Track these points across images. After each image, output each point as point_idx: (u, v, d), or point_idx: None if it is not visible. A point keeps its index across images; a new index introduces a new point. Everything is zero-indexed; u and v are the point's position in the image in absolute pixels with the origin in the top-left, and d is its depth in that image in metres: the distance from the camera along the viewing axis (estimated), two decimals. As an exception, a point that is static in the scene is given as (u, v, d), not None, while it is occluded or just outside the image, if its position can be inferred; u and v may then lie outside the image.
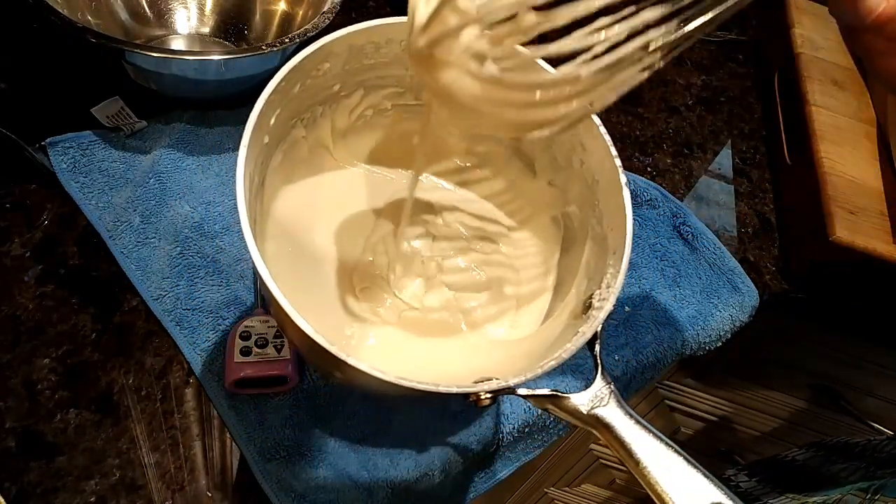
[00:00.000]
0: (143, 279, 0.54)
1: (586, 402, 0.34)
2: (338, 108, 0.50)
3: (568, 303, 0.45)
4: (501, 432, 0.54)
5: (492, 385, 0.34)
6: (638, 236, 0.68)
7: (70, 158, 0.59)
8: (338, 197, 0.51)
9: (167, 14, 0.70)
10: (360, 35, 0.43)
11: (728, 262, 0.67)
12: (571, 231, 0.50)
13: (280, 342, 0.51)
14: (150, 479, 0.46)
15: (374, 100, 0.51)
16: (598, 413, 0.33)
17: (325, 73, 0.45)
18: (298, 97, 0.44)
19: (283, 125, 0.45)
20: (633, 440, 0.32)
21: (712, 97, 0.88)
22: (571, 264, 0.48)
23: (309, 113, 0.48)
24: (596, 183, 0.45)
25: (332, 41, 0.42)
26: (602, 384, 0.34)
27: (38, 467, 0.45)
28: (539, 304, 0.49)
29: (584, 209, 0.47)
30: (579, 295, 0.44)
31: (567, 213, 0.50)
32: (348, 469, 0.49)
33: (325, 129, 0.51)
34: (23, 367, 0.49)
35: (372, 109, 0.52)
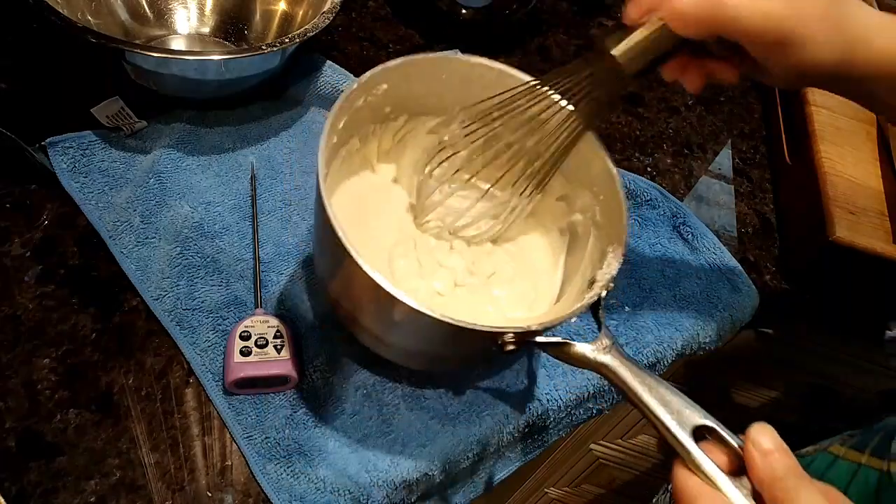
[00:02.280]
0: (143, 279, 0.54)
1: (591, 351, 0.40)
2: (386, 129, 0.55)
3: (575, 285, 0.51)
4: (501, 432, 0.54)
5: (516, 328, 0.40)
6: (638, 236, 0.68)
7: (70, 158, 0.59)
8: (378, 204, 0.55)
9: (167, 14, 0.70)
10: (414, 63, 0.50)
11: (728, 262, 0.67)
12: (576, 236, 0.54)
13: (280, 342, 0.51)
14: (150, 479, 0.46)
15: (413, 125, 0.55)
16: (601, 359, 0.39)
17: (383, 94, 0.50)
18: (360, 111, 0.49)
19: (346, 132, 0.50)
20: (630, 379, 0.38)
21: (712, 97, 0.88)
22: (576, 261, 0.53)
23: (364, 128, 0.53)
24: (596, 192, 0.50)
25: (394, 66, 0.48)
26: (604, 338, 0.40)
27: (38, 467, 0.45)
28: (551, 294, 0.54)
29: (587, 215, 0.52)
30: (584, 278, 0.50)
31: (572, 222, 0.54)
32: (348, 469, 0.49)
33: (374, 146, 0.56)
34: (23, 367, 0.49)
35: (411, 134, 0.56)
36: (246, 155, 0.64)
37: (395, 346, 0.48)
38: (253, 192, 0.61)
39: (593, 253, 0.50)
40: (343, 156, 0.52)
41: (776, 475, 0.31)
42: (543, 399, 0.56)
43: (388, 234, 0.54)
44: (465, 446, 0.52)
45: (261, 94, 0.67)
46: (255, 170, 0.63)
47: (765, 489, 0.31)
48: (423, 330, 0.44)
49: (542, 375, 0.57)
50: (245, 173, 0.63)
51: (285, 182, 0.63)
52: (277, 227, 0.60)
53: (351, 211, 0.44)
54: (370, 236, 0.53)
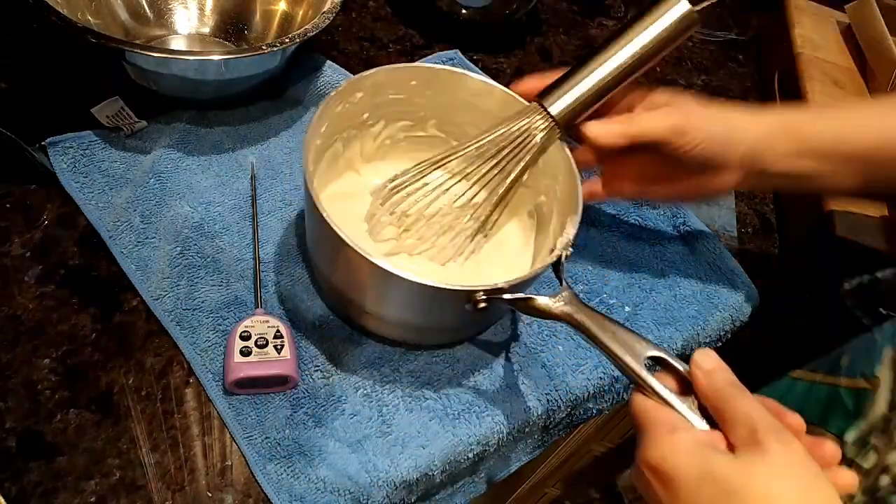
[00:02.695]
0: (143, 279, 0.54)
1: (552, 303, 0.44)
2: (366, 134, 0.59)
3: (541, 257, 0.56)
4: (501, 432, 0.54)
5: (486, 286, 0.44)
6: (638, 236, 0.68)
7: (70, 158, 0.59)
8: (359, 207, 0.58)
9: (167, 14, 0.71)
10: (387, 73, 0.54)
11: (728, 262, 0.67)
12: (542, 216, 0.59)
13: (280, 342, 0.51)
14: (150, 479, 0.46)
15: (391, 131, 0.60)
16: (563, 309, 0.44)
17: (358, 102, 0.54)
18: (339, 116, 0.54)
19: (328, 137, 0.54)
20: (588, 323, 0.43)
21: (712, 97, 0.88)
22: (543, 238, 0.58)
23: (346, 133, 0.57)
24: (555, 173, 0.55)
25: (366, 76, 0.53)
26: (564, 291, 0.45)
27: (38, 467, 0.45)
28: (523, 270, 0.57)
29: (550, 196, 0.57)
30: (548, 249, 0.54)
31: (538, 204, 0.59)
32: (348, 469, 0.49)
33: (356, 150, 0.59)
34: (23, 367, 0.49)
35: (390, 140, 0.60)
36: (246, 155, 0.64)
37: (384, 317, 0.52)
38: (253, 192, 0.61)
39: (556, 228, 0.55)
40: (328, 159, 0.56)
41: (717, 388, 0.35)
42: (543, 399, 0.56)
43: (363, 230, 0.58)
44: (465, 446, 0.52)
45: (261, 94, 0.67)
46: (255, 170, 0.63)
47: (708, 401, 0.36)
48: (403, 296, 0.49)
49: (542, 375, 0.57)
50: (245, 173, 0.63)
51: (285, 182, 0.63)
52: (277, 227, 0.60)
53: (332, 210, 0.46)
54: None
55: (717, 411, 0.35)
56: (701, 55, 0.94)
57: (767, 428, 0.33)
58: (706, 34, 0.97)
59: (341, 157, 0.58)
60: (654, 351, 0.40)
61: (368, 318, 0.53)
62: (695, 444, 0.34)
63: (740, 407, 0.34)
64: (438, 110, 0.59)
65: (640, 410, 0.37)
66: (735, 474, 0.32)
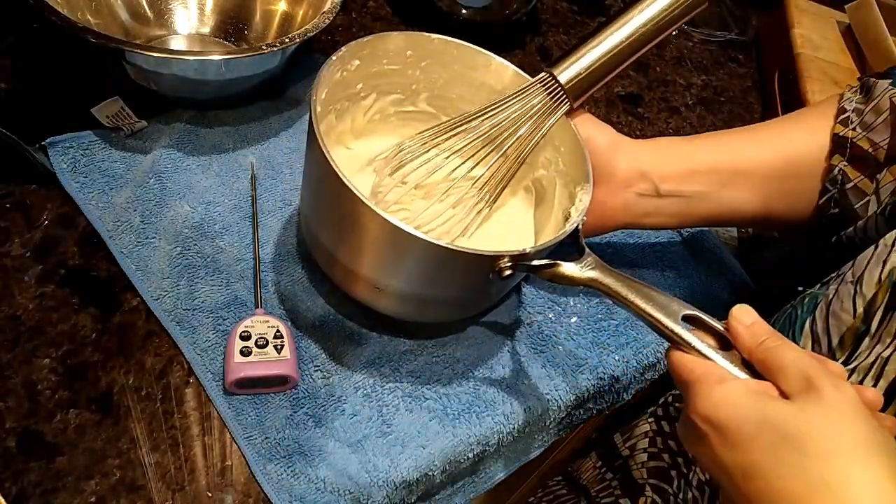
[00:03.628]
0: (143, 279, 0.54)
1: (578, 269, 0.44)
2: (358, 107, 0.57)
3: (549, 229, 0.56)
4: (501, 432, 0.54)
5: (512, 251, 0.43)
6: (638, 236, 0.68)
7: (70, 158, 0.59)
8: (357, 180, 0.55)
9: (167, 14, 0.70)
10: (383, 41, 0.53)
11: (728, 262, 0.67)
12: (541, 190, 0.59)
13: (280, 342, 0.51)
14: (150, 479, 0.46)
15: (381, 104, 0.58)
16: (589, 274, 0.43)
17: (355, 71, 0.53)
18: (336, 85, 0.52)
19: (325, 106, 0.52)
20: (618, 286, 0.42)
21: (712, 97, 0.88)
22: (546, 211, 0.58)
23: (339, 104, 0.55)
24: (557, 145, 0.55)
25: (365, 42, 0.52)
26: (588, 257, 0.44)
27: (38, 467, 0.45)
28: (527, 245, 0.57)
29: (550, 168, 0.57)
30: (556, 220, 0.55)
31: (536, 178, 0.59)
32: (348, 469, 0.49)
33: (347, 124, 0.58)
34: (23, 367, 0.49)
35: (379, 114, 0.59)
36: (246, 155, 0.64)
37: (391, 289, 0.50)
38: (253, 192, 0.61)
39: (562, 199, 0.54)
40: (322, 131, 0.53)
41: (760, 339, 0.36)
42: (543, 399, 0.56)
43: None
44: (465, 446, 0.52)
45: (261, 94, 0.67)
46: (255, 170, 0.63)
47: (753, 353, 0.36)
48: (420, 263, 0.47)
49: (543, 375, 0.57)
50: (245, 173, 0.63)
51: (285, 182, 0.63)
52: (277, 227, 0.60)
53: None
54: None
55: (763, 362, 0.35)
56: (701, 55, 0.94)
57: (820, 374, 0.33)
58: (706, 34, 0.97)
59: (333, 130, 0.57)
60: (689, 310, 0.39)
61: (379, 294, 0.51)
62: (749, 393, 0.34)
63: (788, 355, 0.34)
64: (431, 83, 0.58)
65: (683, 366, 0.37)
66: (795, 419, 0.32)
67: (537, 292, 0.62)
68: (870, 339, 0.42)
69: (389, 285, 0.50)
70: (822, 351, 0.45)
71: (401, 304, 0.52)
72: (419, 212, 0.54)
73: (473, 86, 0.57)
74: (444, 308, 0.54)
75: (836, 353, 0.44)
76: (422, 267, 0.47)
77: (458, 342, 0.57)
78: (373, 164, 0.55)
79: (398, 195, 0.54)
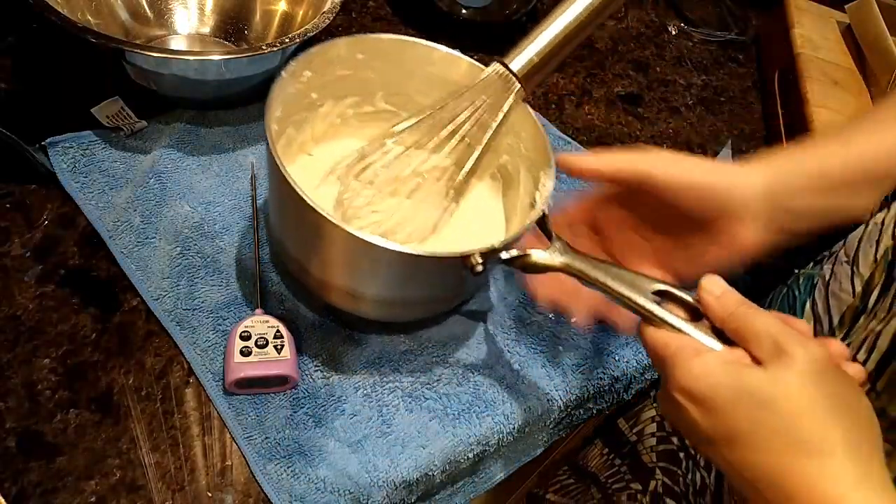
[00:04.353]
0: (143, 279, 0.54)
1: (549, 256, 0.44)
2: (315, 115, 0.57)
3: (518, 216, 0.56)
4: (501, 432, 0.54)
5: (481, 248, 0.43)
6: (638, 236, 0.68)
7: (70, 158, 0.59)
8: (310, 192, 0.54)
9: (167, 14, 0.70)
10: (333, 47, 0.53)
11: (728, 262, 0.67)
12: (508, 177, 0.59)
13: (280, 342, 0.51)
14: (150, 479, 0.46)
15: (340, 109, 0.58)
16: (560, 260, 0.44)
17: (307, 81, 0.53)
18: (291, 98, 0.52)
19: (282, 123, 0.53)
20: (588, 269, 0.42)
21: (712, 97, 0.88)
22: (514, 197, 0.58)
23: (296, 116, 0.55)
24: (517, 131, 0.55)
25: (313, 52, 0.52)
26: (557, 243, 0.44)
27: (38, 467, 0.45)
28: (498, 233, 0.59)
29: (513, 154, 0.57)
30: (524, 206, 0.55)
31: (501, 165, 0.59)
32: (348, 469, 0.49)
33: (308, 133, 0.58)
34: (23, 367, 0.49)
35: (339, 118, 0.59)
36: (246, 155, 0.64)
37: (368, 296, 0.51)
38: (253, 192, 0.61)
39: (527, 184, 0.55)
40: (282, 145, 0.55)
41: (731, 308, 0.36)
42: (543, 399, 0.56)
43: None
44: (465, 446, 0.52)
45: (261, 94, 0.67)
46: (255, 170, 0.63)
47: (725, 323, 0.36)
48: (392, 270, 0.48)
49: (542, 375, 0.57)
50: (245, 173, 0.63)
51: (285, 182, 0.63)
52: (277, 227, 0.60)
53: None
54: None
55: (735, 330, 0.36)
56: (701, 55, 0.94)
57: (789, 338, 0.34)
58: (706, 34, 0.97)
59: (294, 141, 0.57)
60: (658, 285, 0.40)
61: (356, 300, 0.52)
62: (724, 363, 0.34)
63: (758, 322, 0.35)
64: (386, 82, 0.58)
65: (657, 342, 0.37)
66: (769, 385, 0.33)
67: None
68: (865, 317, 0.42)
69: (366, 293, 0.51)
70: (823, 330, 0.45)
71: (380, 307, 0.53)
72: (391, 212, 0.54)
73: (429, 80, 0.56)
74: (425, 306, 0.55)
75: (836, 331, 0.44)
76: (395, 273, 0.49)
77: (458, 342, 0.57)
78: (336, 173, 0.55)
79: (367, 198, 0.54)
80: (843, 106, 0.79)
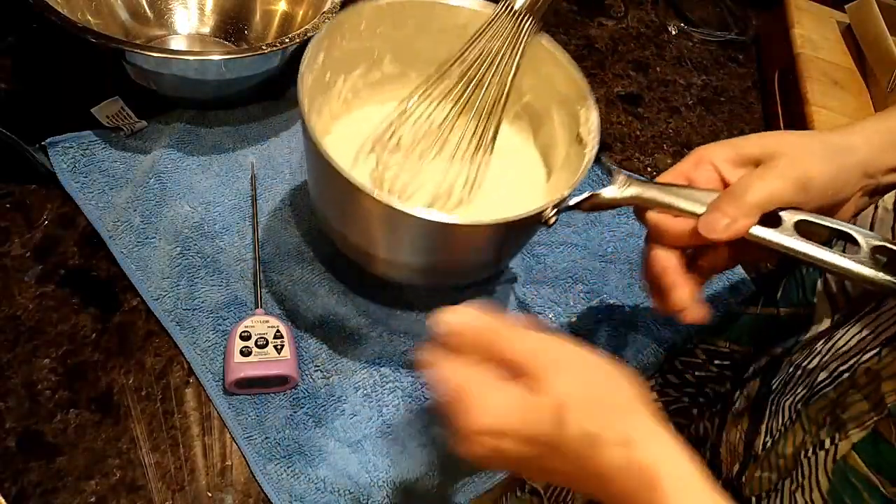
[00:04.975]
0: (143, 279, 0.54)
1: (617, 191, 0.43)
2: (331, 95, 0.55)
3: (559, 152, 0.55)
4: (501, 432, 0.54)
5: (553, 201, 0.43)
6: (638, 236, 0.68)
7: (70, 158, 0.59)
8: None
9: (167, 14, 0.70)
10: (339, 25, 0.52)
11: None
12: (535, 115, 0.58)
13: (280, 342, 0.51)
14: (150, 479, 0.46)
15: (351, 82, 0.57)
16: (629, 192, 0.43)
17: (321, 66, 0.51)
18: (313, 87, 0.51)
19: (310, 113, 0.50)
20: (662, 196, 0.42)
21: (712, 97, 0.88)
22: (547, 135, 0.57)
23: (317, 101, 0.54)
24: (537, 67, 0.54)
25: (319, 38, 0.50)
26: (620, 175, 0.43)
27: (38, 467, 0.45)
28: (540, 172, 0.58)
29: (540, 92, 0.56)
30: (565, 142, 0.53)
31: (525, 104, 0.58)
32: (348, 469, 0.49)
33: (326, 115, 0.56)
34: (23, 367, 0.49)
35: (352, 92, 0.57)
36: (246, 155, 0.64)
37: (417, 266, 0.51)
38: (253, 192, 0.61)
39: (563, 119, 0.53)
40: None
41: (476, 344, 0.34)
42: (543, 399, 0.56)
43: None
44: (465, 446, 0.52)
45: (261, 94, 0.67)
46: (255, 170, 0.63)
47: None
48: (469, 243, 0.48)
49: (542, 375, 0.57)
50: (245, 173, 0.63)
51: (285, 182, 0.63)
52: (277, 227, 0.60)
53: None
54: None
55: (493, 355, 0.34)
56: (701, 55, 0.94)
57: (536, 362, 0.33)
58: (706, 34, 0.97)
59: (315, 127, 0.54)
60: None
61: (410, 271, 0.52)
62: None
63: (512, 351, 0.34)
64: (392, 45, 0.56)
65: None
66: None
67: (537, 292, 0.62)
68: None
69: (414, 262, 0.50)
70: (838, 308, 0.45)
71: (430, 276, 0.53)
72: (433, 179, 0.53)
73: (434, 34, 0.55)
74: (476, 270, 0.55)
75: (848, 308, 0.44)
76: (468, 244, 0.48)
77: (458, 342, 0.57)
78: (366, 150, 0.54)
79: (406, 169, 0.53)
80: (843, 106, 0.79)
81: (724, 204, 0.40)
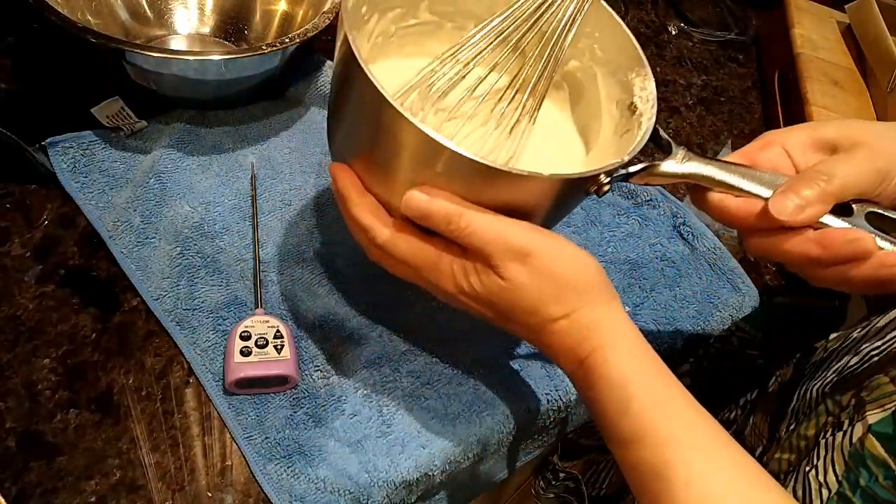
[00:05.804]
0: (143, 279, 0.54)
1: (676, 165, 0.42)
2: (363, 34, 0.51)
3: (605, 125, 0.51)
4: (501, 432, 0.54)
5: (608, 166, 0.40)
6: (638, 236, 0.68)
7: (70, 158, 0.59)
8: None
9: (167, 14, 0.70)
10: None
11: (728, 262, 0.67)
12: (576, 85, 0.54)
13: (280, 342, 0.51)
14: (150, 479, 0.46)
15: (383, 25, 0.52)
16: (687, 167, 0.42)
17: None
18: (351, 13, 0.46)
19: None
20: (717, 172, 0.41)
21: (712, 97, 0.88)
22: (589, 106, 0.53)
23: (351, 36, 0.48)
24: (589, 31, 0.50)
25: None
26: (679, 150, 0.42)
27: (38, 467, 0.45)
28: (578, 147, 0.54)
29: (585, 59, 0.52)
30: (612, 114, 0.50)
31: (568, 72, 0.54)
32: (348, 469, 0.49)
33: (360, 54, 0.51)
34: (23, 367, 0.49)
35: (381, 37, 0.53)
36: (246, 155, 0.64)
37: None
38: (253, 192, 0.61)
39: (610, 89, 0.50)
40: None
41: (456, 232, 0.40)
42: (543, 399, 0.56)
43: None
44: (465, 446, 0.52)
45: (261, 94, 0.67)
46: (255, 170, 0.63)
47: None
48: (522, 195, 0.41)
49: (542, 375, 0.57)
50: (245, 173, 0.63)
51: (285, 182, 0.63)
52: (277, 227, 0.60)
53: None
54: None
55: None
56: (701, 55, 0.94)
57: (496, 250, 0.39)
58: (706, 34, 0.97)
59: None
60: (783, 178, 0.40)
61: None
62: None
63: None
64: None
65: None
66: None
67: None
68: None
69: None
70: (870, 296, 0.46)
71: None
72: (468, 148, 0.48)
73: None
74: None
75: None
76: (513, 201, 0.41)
77: (458, 342, 0.57)
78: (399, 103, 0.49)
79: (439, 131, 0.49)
80: (843, 106, 0.79)
81: (801, 187, 0.39)
